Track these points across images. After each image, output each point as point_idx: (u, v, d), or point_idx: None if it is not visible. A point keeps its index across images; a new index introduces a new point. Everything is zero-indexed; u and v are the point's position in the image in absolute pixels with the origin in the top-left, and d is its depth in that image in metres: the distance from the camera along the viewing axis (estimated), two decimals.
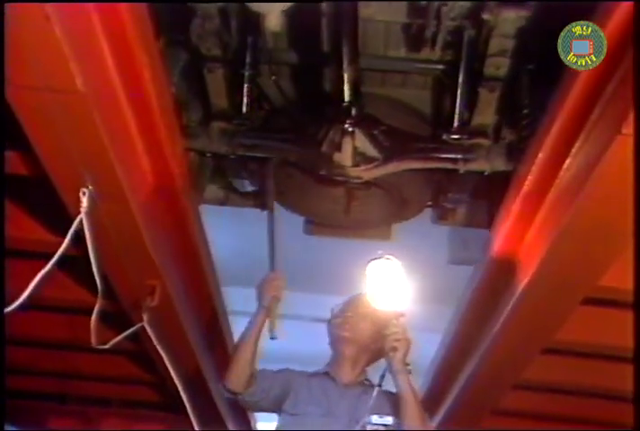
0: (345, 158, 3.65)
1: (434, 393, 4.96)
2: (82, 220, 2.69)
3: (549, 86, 2.96)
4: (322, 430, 3.19)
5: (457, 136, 3.71)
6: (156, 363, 4.23)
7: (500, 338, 3.76)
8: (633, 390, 2.82)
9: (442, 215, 4.56)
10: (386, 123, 3.74)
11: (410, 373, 3.12)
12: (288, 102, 3.94)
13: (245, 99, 3.77)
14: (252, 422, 6.16)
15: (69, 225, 2.71)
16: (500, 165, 3.72)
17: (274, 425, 3.39)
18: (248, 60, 3.67)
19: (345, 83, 3.41)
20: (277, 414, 3.36)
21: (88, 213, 2.69)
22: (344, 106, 3.51)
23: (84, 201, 2.68)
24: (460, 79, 3.59)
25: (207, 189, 4.36)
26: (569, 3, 2.65)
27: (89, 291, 3.52)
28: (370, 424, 3.18)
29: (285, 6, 3.05)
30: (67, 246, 2.69)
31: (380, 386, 3.18)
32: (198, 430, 3.93)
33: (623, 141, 2.31)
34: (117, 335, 3.59)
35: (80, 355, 4.63)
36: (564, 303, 3.39)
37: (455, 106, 3.68)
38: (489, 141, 3.74)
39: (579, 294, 3.30)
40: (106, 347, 3.40)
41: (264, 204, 4.44)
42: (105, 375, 5.11)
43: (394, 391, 3.20)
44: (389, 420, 3.19)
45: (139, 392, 5.40)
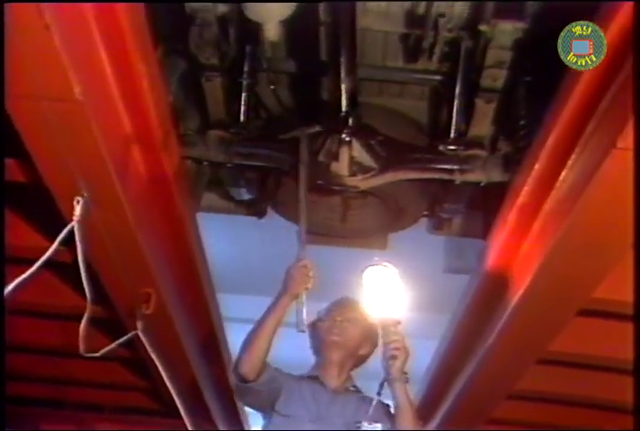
0: (342, 167, 3.67)
1: (429, 401, 4.96)
2: (73, 228, 2.69)
3: (546, 98, 2.97)
4: None
5: (453, 147, 3.72)
6: (150, 369, 4.23)
7: (494, 348, 3.77)
8: (633, 400, 2.82)
9: (438, 225, 4.58)
10: (382, 133, 3.75)
11: (407, 381, 3.13)
12: (285, 111, 3.95)
13: (243, 108, 3.78)
14: (245, 426, 6.17)
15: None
16: (496, 176, 3.73)
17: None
18: (246, 69, 3.68)
19: (343, 92, 3.43)
20: (266, 414, 3.31)
21: (81, 221, 2.69)
22: (342, 116, 3.52)
23: (77, 209, 2.68)
24: (457, 90, 3.60)
25: (203, 196, 4.36)
26: (565, 15, 2.65)
27: (85, 298, 3.52)
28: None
29: (283, 16, 3.07)
30: (57, 251, 2.68)
31: (380, 394, 3.17)
32: None
33: (618, 155, 2.33)
34: (112, 342, 3.60)
35: (75, 361, 4.61)
36: (558, 315, 3.39)
37: (452, 117, 3.70)
38: (485, 152, 3.76)
39: (573, 305, 3.31)
40: (97, 355, 3.39)
41: (260, 212, 4.46)
42: (99, 381, 5.11)
43: (382, 401, 3.21)
44: (378, 426, 3.18)
45: (133, 398, 5.40)
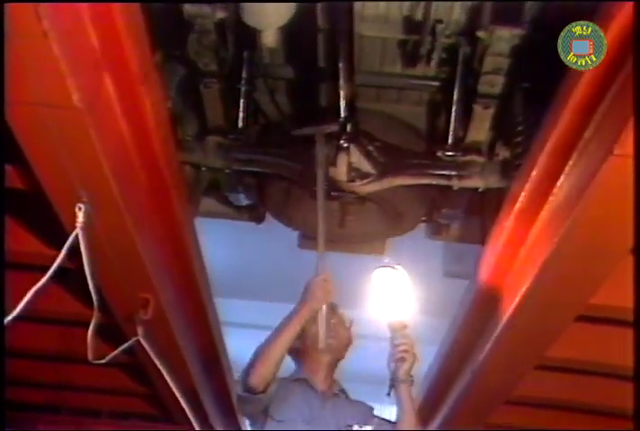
0: (340, 173, 3.68)
1: (428, 405, 4.96)
2: (77, 235, 2.69)
3: (543, 104, 2.97)
4: None
5: (451, 153, 3.73)
6: (149, 374, 4.23)
7: (493, 354, 3.76)
8: (633, 406, 2.81)
9: (436, 231, 4.59)
10: (381, 139, 3.76)
11: (412, 384, 3.15)
12: (283, 117, 3.96)
13: (241, 114, 3.79)
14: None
15: (65, 239, 2.70)
16: (494, 182, 3.74)
17: None
18: (244, 75, 3.70)
19: (341, 99, 3.44)
20: (257, 420, 3.28)
21: (84, 228, 2.69)
22: (340, 122, 3.53)
23: (79, 216, 2.68)
24: (455, 96, 3.62)
25: (202, 202, 4.36)
26: (563, 22, 2.66)
27: (84, 304, 3.52)
28: None
29: (281, 22, 3.07)
30: (63, 260, 2.69)
31: (389, 395, 3.18)
32: None
33: (615, 161, 2.32)
34: (110, 347, 3.59)
35: (74, 366, 4.62)
36: (556, 321, 3.39)
37: (449, 122, 3.71)
38: (483, 158, 3.77)
39: (571, 311, 3.31)
40: (103, 361, 3.38)
41: (259, 217, 4.47)
42: (99, 387, 5.11)
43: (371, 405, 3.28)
44: (369, 427, 3.20)
45: (132, 404, 5.40)
